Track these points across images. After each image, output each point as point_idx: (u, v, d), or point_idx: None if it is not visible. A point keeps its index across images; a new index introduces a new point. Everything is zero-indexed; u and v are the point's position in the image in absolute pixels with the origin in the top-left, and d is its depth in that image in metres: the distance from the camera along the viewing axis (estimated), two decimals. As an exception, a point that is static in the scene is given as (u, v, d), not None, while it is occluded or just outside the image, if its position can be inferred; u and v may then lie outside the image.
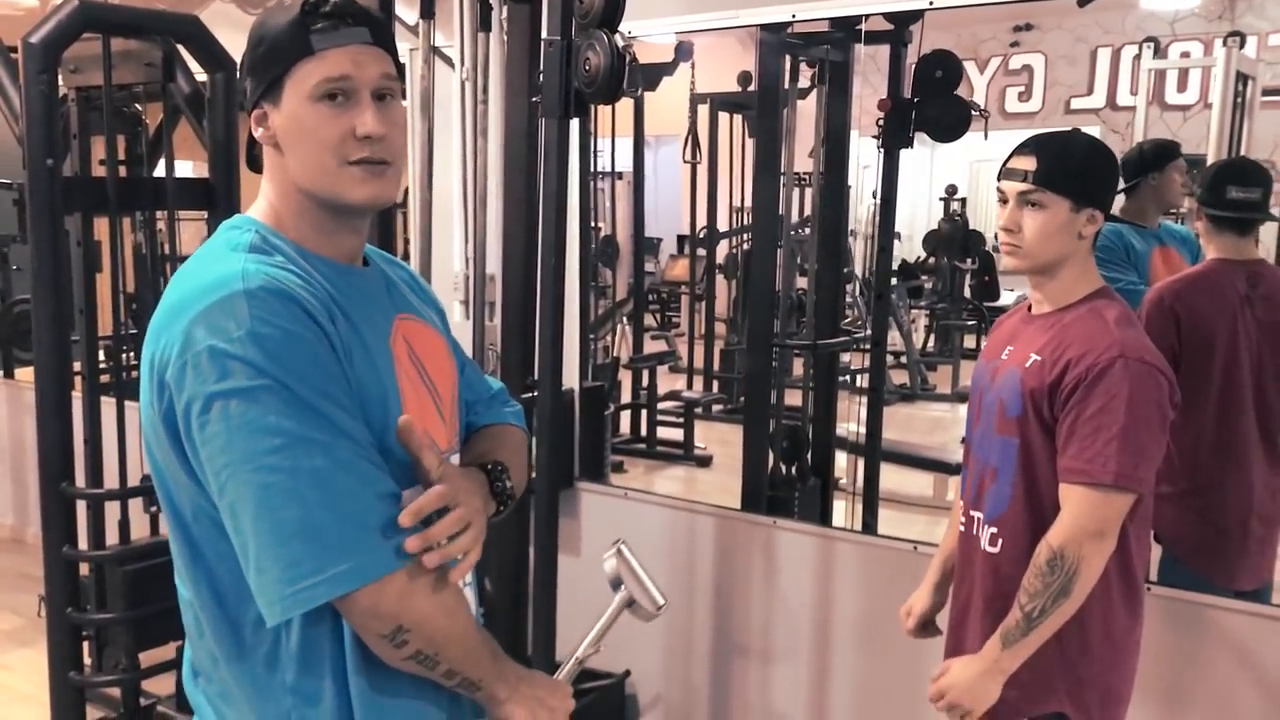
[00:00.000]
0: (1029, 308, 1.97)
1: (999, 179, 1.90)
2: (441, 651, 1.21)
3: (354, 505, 1.14)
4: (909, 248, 8.64)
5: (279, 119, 1.24)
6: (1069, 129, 1.96)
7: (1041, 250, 1.85)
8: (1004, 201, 1.89)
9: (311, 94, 1.21)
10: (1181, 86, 6.28)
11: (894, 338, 8.00)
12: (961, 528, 2.02)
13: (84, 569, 3.30)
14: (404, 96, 1.33)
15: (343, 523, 1.13)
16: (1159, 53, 5.83)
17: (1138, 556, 1.87)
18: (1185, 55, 6.08)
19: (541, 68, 2.39)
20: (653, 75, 5.96)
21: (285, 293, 1.15)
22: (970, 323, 7.92)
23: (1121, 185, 3.27)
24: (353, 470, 1.14)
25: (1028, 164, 1.84)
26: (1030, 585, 1.78)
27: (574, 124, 2.92)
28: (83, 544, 3.22)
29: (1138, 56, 6.33)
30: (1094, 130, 6.87)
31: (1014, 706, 1.85)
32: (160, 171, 3.60)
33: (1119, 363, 1.75)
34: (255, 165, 1.33)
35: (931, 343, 8.46)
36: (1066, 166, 1.83)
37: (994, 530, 1.92)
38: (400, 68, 1.29)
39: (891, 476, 4.55)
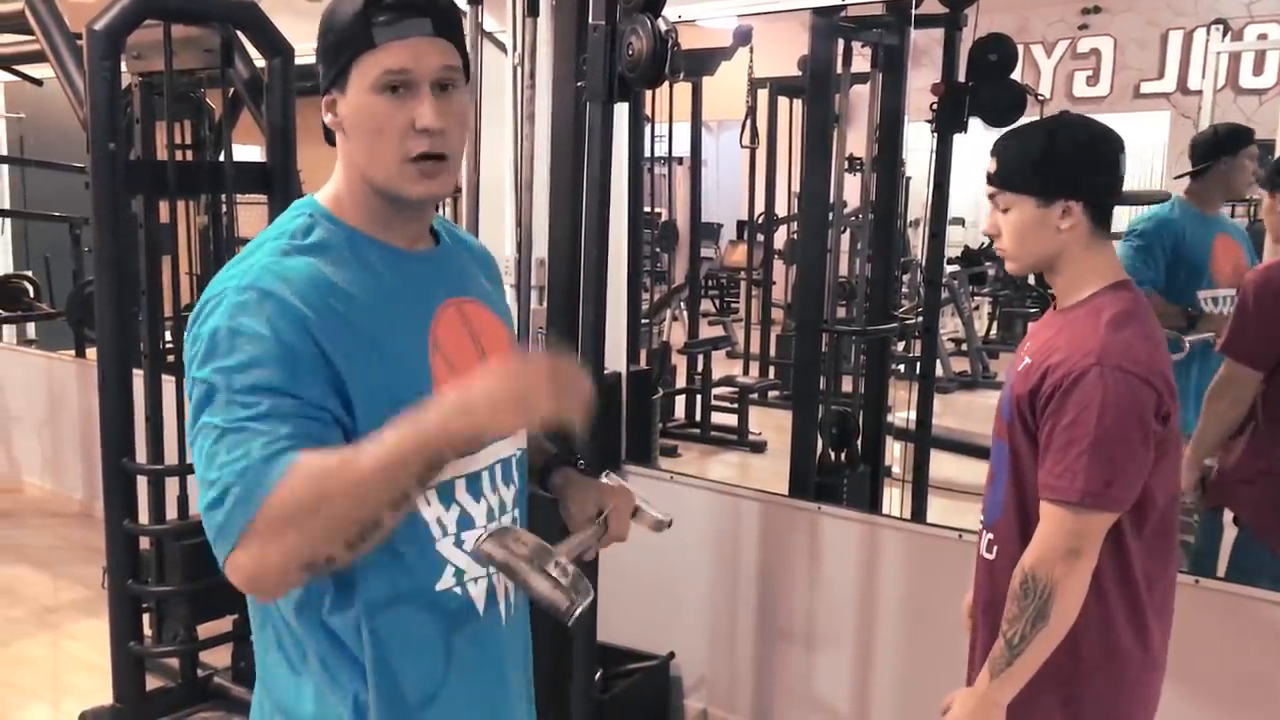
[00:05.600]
0: (1054, 305, 1.90)
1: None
2: (342, 517, 1.11)
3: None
4: (974, 234, 8.53)
5: (345, 107, 1.26)
6: (1038, 119, 1.86)
7: (1021, 251, 1.78)
8: None
9: (373, 86, 1.23)
10: (1258, 70, 6.12)
11: (956, 325, 7.92)
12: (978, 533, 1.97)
13: (145, 543, 3.41)
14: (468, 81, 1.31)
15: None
16: (1234, 35, 5.66)
17: (1141, 571, 1.76)
18: (1263, 37, 5.91)
19: (586, 52, 2.40)
20: (711, 59, 5.93)
21: (268, 292, 1.19)
22: (1033, 310, 7.80)
23: (1191, 168, 3.22)
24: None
25: (991, 166, 1.78)
26: (1009, 612, 1.71)
27: (623, 108, 2.94)
28: (143, 518, 3.32)
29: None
30: (1163, 115, 6.73)
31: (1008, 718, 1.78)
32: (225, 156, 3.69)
33: (1094, 371, 1.64)
34: (331, 140, 1.36)
35: (994, 330, 8.35)
36: (1020, 163, 1.75)
37: (990, 536, 1.86)
38: (465, 55, 1.30)
39: (948, 465, 4.51)
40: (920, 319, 3.83)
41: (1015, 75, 3.39)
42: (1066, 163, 1.74)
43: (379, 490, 1.10)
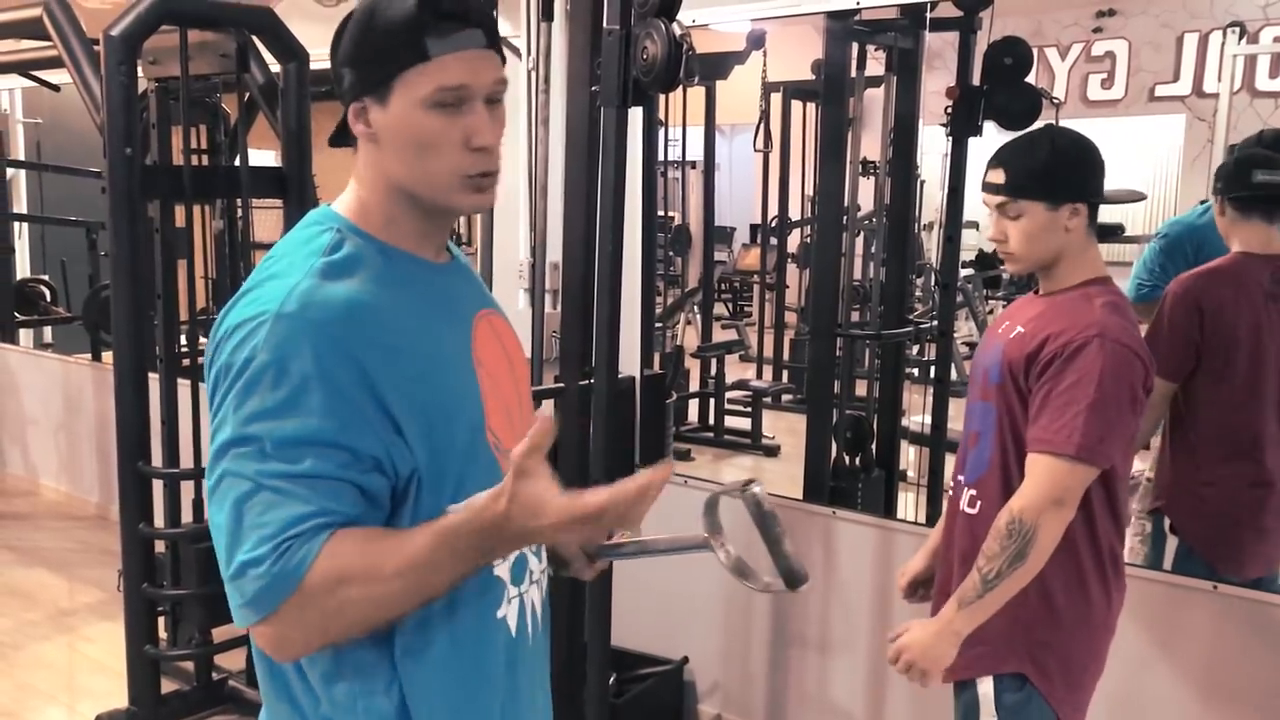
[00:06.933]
0: (1036, 290, 2.04)
1: (981, 190, 1.99)
2: (366, 618, 1.11)
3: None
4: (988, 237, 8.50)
5: (384, 118, 1.17)
6: (1037, 128, 2.03)
7: (1031, 253, 1.93)
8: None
9: (425, 101, 1.15)
10: (1274, 72, 6.08)
11: (970, 328, 7.89)
12: (949, 492, 2.09)
13: (160, 546, 3.42)
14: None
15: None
16: (1250, 38, 5.62)
17: (1105, 536, 1.91)
18: (1279, 40, 5.88)
19: (601, 57, 2.41)
20: (724, 63, 5.93)
21: (314, 324, 1.11)
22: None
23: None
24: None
25: (998, 177, 1.93)
26: (989, 548, 1.84)
27: (637, 112, 2.94)
28: (159, 521, 3.34)
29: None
30: (1178, 119, 6.70)
31: (978, 664, 1.92)
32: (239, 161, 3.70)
33: (1096, 341, 1.80)
34: (338, 143, 1.28)
35: (1008, 334, 8.32)
36: (1031, 172, 1.90)
37: (973, 492, 1.99)
38: (504, 64, 1.24)
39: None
40: (935, 322, 3.82)
41: (1029, 78, 3.37)
42: (1073, 168, 1.91)
43: (408, 597, 1.10)
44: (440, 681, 1.21)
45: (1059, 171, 1.90)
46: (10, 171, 6.37)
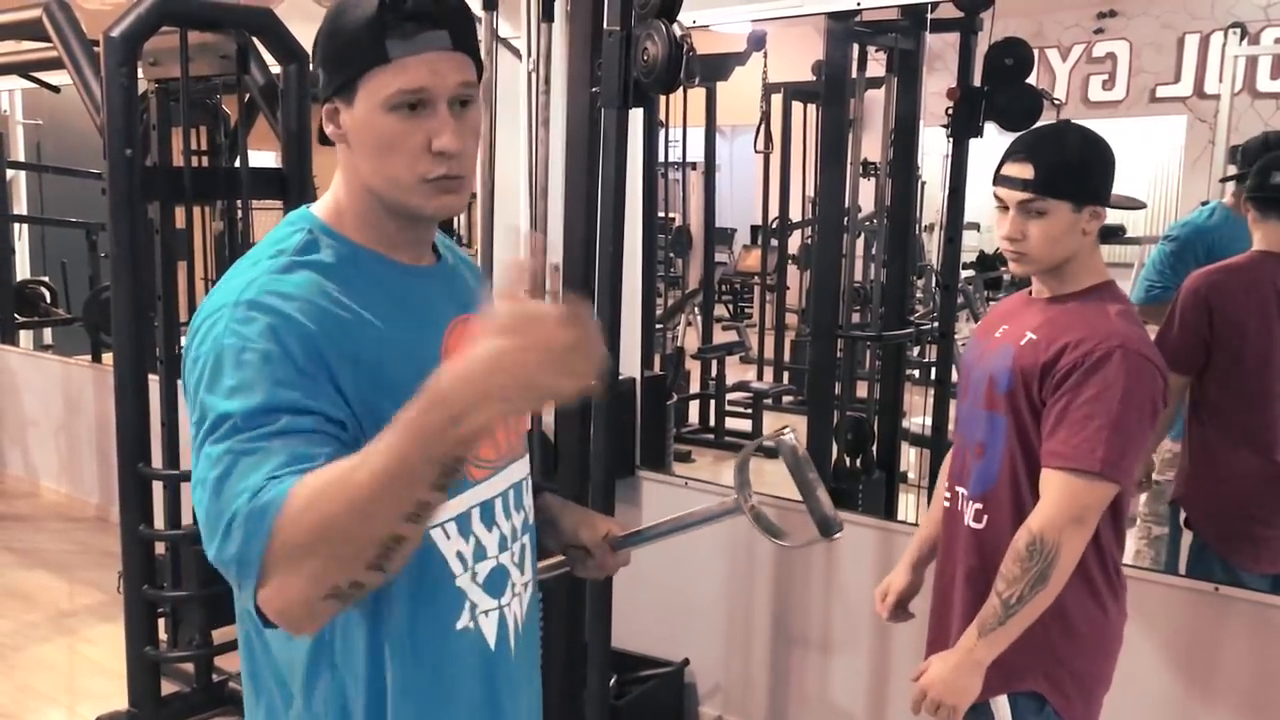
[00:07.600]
0: (1029, 292, 1.96)
1: (995, 184, 1.87)
2: (353, 538, 0.98)
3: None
4: (989, 239, 8.50)
5: (351, 120, 1.18)
6: (1057, 123, 1.95)
7: (1048, 255, 1.83)
8: (1004, 209, 1.86)
9: (385, 104, 1.14)
10: (1276, 73, 6.08)
11: (971, 330, 7.90)
12: (945, 504, 2.01)
13: (160, 548, 3.42)
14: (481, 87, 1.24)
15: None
16: (1251, 39, 5.61)
17: (1108, 545, 1.86)
18: (1280, 41, 5.87)
19: (601, 58, 2.41)
20: (725, 64, 5.92)
21: (270, 308, 1.11)
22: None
23: (1238, 173, 3.19)
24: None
25: (1024, 171, 1.81)
26: (1008, 571, 1.76)
27: (638, 113, 2.94)
28: (159, 523, 3.34)
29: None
30: (1180, 120, 6.69)
31: (993, 683, 1.83)
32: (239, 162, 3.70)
33: (1118, 353, 1.73)
34: (327, 140, 1.27)
35: (1009, 335, 8.31)
36: (1065, 169, 1.81)
37: (979, 506, 1.90)
38: (480, 66, 1.22)
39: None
40: (935, 324, 3.82)
41: (1030, 79, 3.37)
42: (1100, 169, 1.83)
43: (386, 504, 0.96)
44: (397, 690, 1.19)
45: (1091, 170, 1.82)
46: (10, 173, 6.36)
